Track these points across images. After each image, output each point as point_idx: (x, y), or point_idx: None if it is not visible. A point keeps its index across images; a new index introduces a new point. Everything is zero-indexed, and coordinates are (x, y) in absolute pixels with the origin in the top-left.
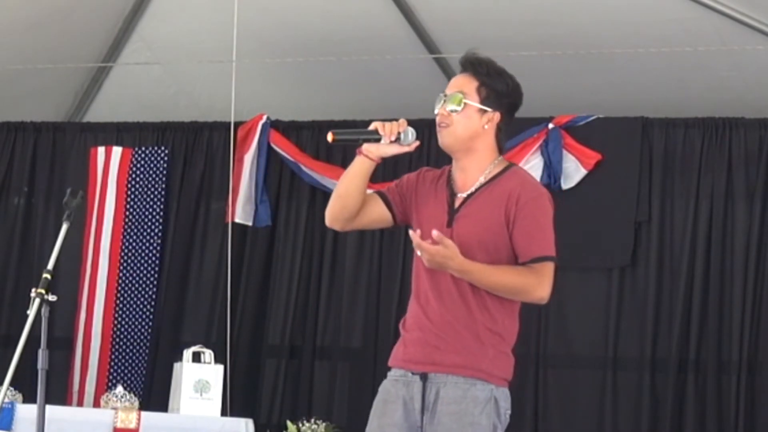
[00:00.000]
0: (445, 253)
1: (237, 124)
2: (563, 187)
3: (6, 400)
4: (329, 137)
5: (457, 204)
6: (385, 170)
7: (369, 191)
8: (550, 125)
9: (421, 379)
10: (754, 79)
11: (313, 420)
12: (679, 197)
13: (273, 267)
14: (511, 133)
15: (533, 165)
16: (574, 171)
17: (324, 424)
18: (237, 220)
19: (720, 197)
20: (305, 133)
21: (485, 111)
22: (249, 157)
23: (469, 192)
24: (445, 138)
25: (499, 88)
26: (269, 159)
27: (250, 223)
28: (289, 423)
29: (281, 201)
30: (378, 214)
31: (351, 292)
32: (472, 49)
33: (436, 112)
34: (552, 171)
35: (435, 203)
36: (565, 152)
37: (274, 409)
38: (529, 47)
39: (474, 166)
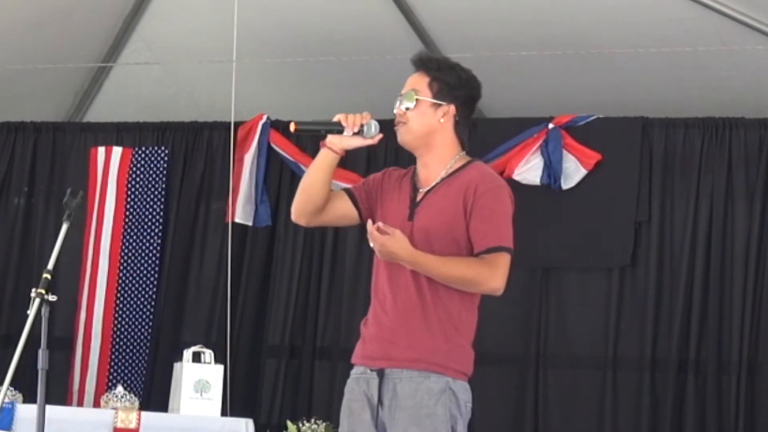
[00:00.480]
0: (393, 243)
1: (237, 124)
2: (563, 187)
3: (6, 400)
4: (291, 127)
5: (418, 198)
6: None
7: (344, 185)
8: (550, 125)
9: (378, 376)
10: (754, 79)
11: (313, 420)
12: (679, 197)
13: (273, 267)
14: (511, 133)
15: (533, 165)
16: (574, 171)
17: (324, 424)
18: (237, 220)
19: (720, 197)
20: (305, 133)
21: (439, 105)
22: (249, 157)
23: (430, 186)
24: (402, 135)
25: (450, 81)
26: (269, 159)
27: (250, 223)
28: (289, 423)
29: (281, 201)
30: (344, 210)
31: (351, 292)
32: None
33: (394, 113)
34: (552, 171)
35: (398, 199)
36: (565, 152)
37: (274, 409)
38: (529, 47)
39: (435, 162)
